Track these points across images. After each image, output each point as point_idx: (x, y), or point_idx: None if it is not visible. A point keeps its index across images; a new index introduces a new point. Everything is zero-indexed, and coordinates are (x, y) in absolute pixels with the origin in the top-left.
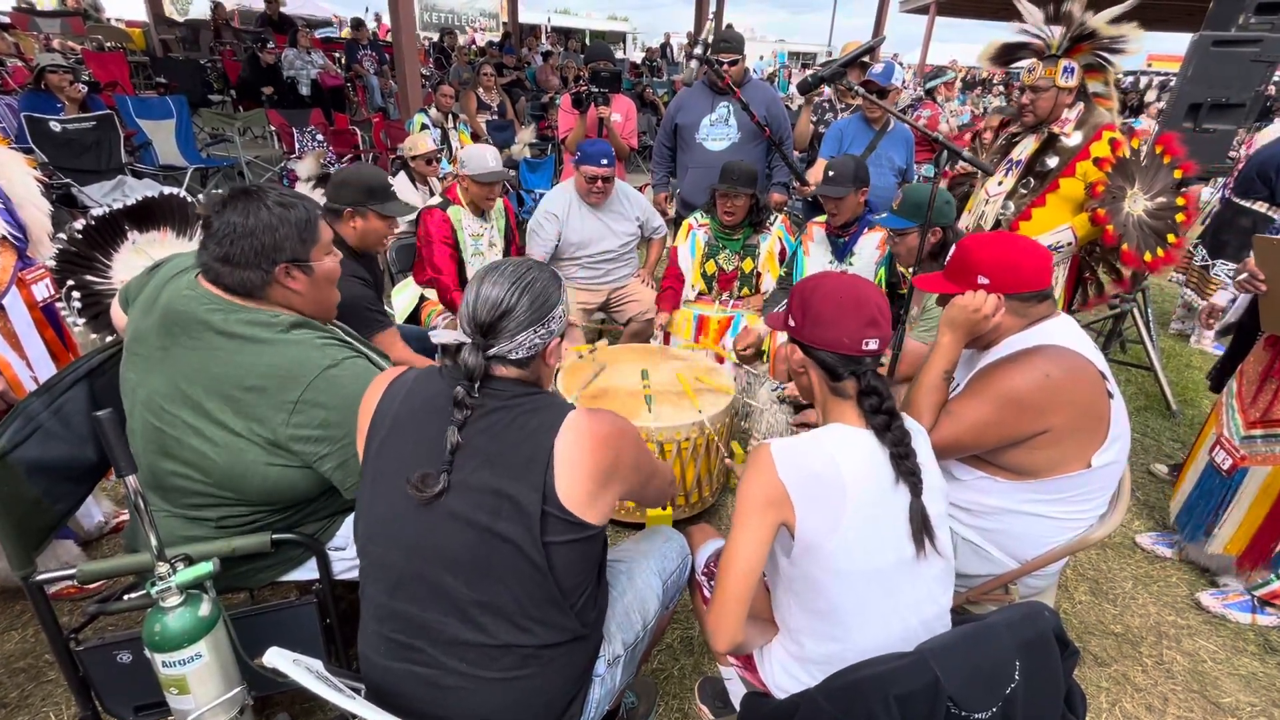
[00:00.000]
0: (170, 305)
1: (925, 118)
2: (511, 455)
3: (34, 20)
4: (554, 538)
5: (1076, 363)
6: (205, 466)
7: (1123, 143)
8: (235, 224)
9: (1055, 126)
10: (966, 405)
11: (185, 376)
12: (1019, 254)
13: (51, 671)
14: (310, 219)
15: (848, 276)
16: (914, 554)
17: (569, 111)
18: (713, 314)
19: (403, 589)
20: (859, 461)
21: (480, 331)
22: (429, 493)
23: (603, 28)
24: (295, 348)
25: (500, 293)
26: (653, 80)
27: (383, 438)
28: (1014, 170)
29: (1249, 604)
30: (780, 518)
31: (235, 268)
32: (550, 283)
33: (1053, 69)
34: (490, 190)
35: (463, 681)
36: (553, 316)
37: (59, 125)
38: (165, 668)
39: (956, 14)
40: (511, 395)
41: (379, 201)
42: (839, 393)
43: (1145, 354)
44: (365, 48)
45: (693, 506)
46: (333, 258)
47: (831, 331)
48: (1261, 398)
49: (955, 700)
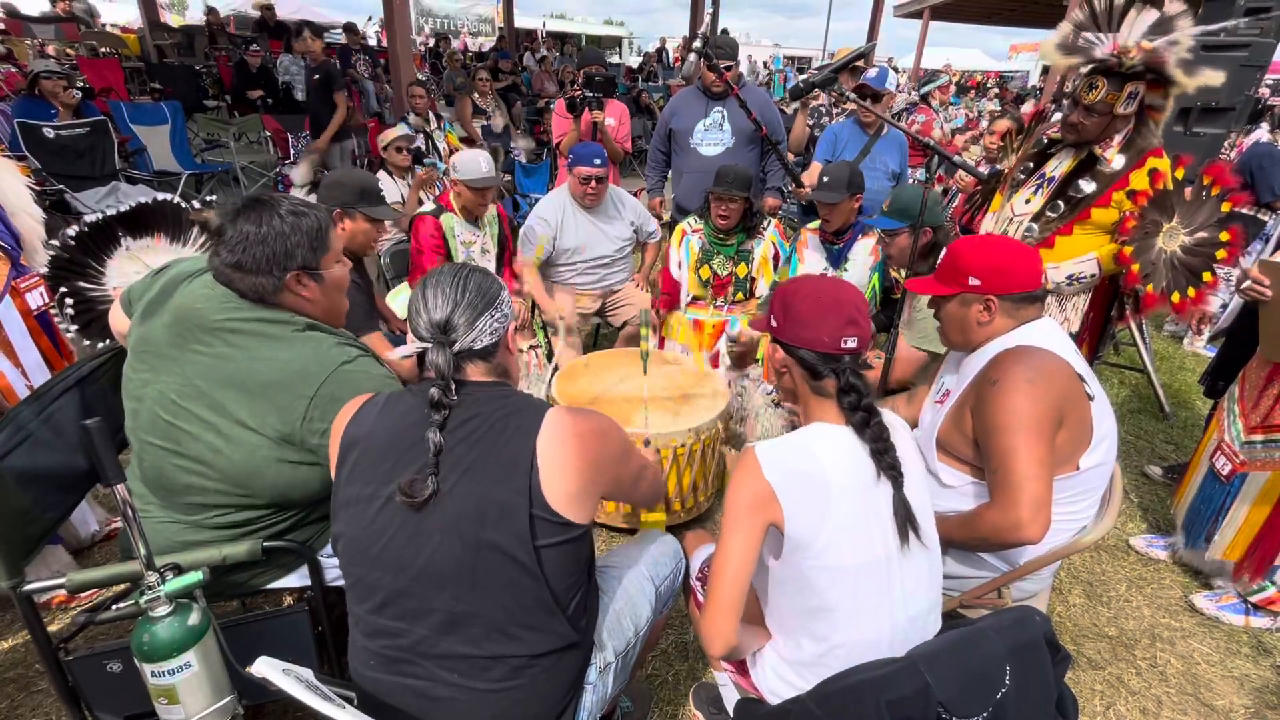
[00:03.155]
0: (185, 306)
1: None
2: (493, 461)
3: (28, 26)
4: (544, 540)
5: (1052, 364)
6: (217, 463)
7: (1165, 175)
8: (248, 232)
9: (1098, 148)
10: (1017, 459)
11: (200, 374)
12: (1010, 257)
13: (41, 681)
14: (322, 228)
15: (828, 279)
16: (900, 546)
17: (563, 116)
18: (708, 318)
19: (389, 606)
20: (841, 458)
21: (440, 329)
22: (420, 497)
23: (598, 32)
24: (310, 345)
25: (444, 290)
26: (648, 85)
27: (354, 461)
28: (1044, 190)
29: (1242, 606)
30: (769, 518)
31: (247, 274)
32: (485, 275)
33: (1116, 95)
34: (483, 196)
35: (454, 693)
36: (501, 300)
37: (52, 131)
38: (154, 677)
39: (950, 18)
40: (486, 400)
41: (368, 204)
42: (820, 391)
43: (1139, 356)
44: (359, 53)
45: (688, 512)
46: (342, 266)
47: (811, 331)
48: (1263, 403)
49: (946, 706)
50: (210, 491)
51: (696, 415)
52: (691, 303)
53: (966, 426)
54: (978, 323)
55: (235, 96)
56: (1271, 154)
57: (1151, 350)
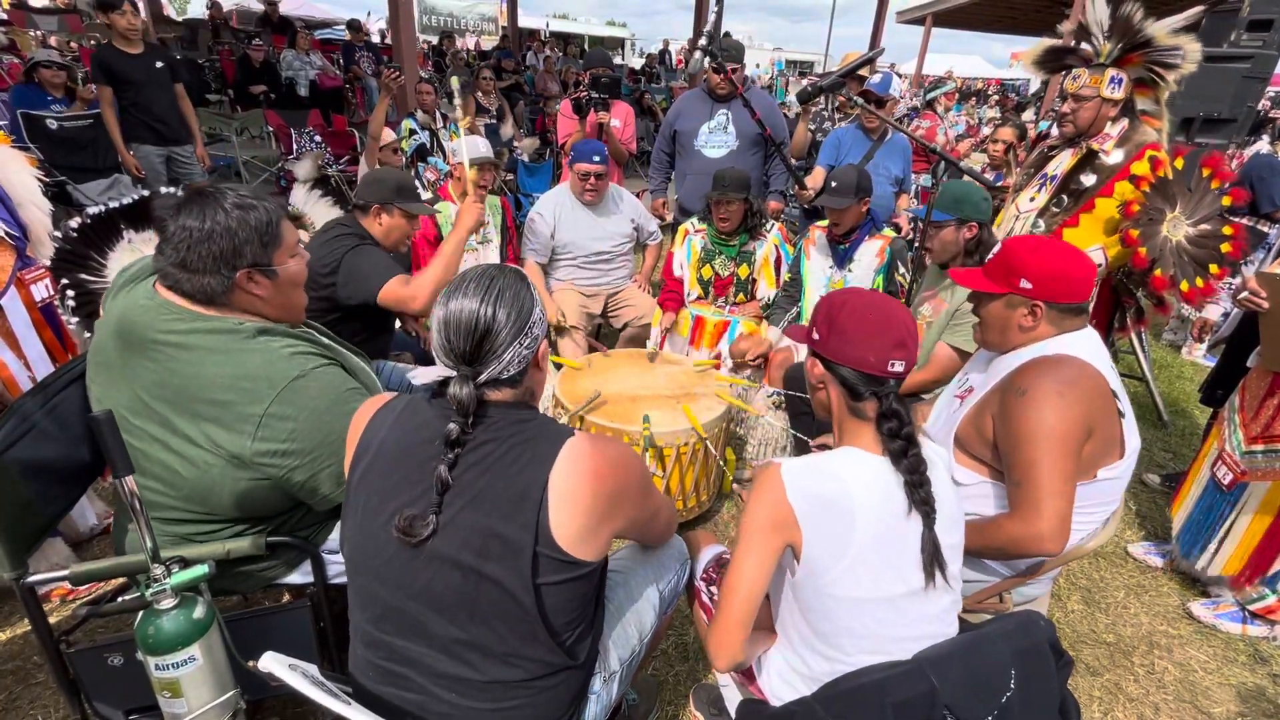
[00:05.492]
0: (125, 316)
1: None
2: (502, 492)
3: (31, 17)
4: (546, 579)
5: (1084, 376)
6: (173, 481)
7: (1165, 162)
8: (191, 228)
9: (1095, 142)
10: (1042, 473)
11: (146, 389)
12: (1068, 263)
13: (40, 674)
14: (271, 221)
15: (878, 295)
16: (923, 585)
17: (569, 117)
18: (710, 315)
19: (388, 620)
20: (871, 488)
21: (464, 360)
22: (418, 538)
23: (601, 33)
24: (261, 357)
25: (471, 311)
26: (651, 87)
27: (365, 466)
28: (1048, 186)
29: (1239, 614)
30: (787, 540)
31: (194, 274)
32: (519, 285)
33: (1098, 78)
34: (483, 176)
35: (451, 710)
36: (533, 322)
37: (55, 122)
38: (158, 670)
39: (952, 25)
40: (504, 424)
41: (405, 200)
42: (857, 413)
43: (1138, 364)
44: (362, 49)
45: (689, 511)
46: (298, 260)
47: (857, 350)
48: (1263, 413)
49: (951, 708)
50: (170, 508)
51: (699, 414)
52: (695, 300)
53: (986, 429)
54: (1020, 327)
55: (238, 91)
56: (1271, 165)
57: (1150, 359)
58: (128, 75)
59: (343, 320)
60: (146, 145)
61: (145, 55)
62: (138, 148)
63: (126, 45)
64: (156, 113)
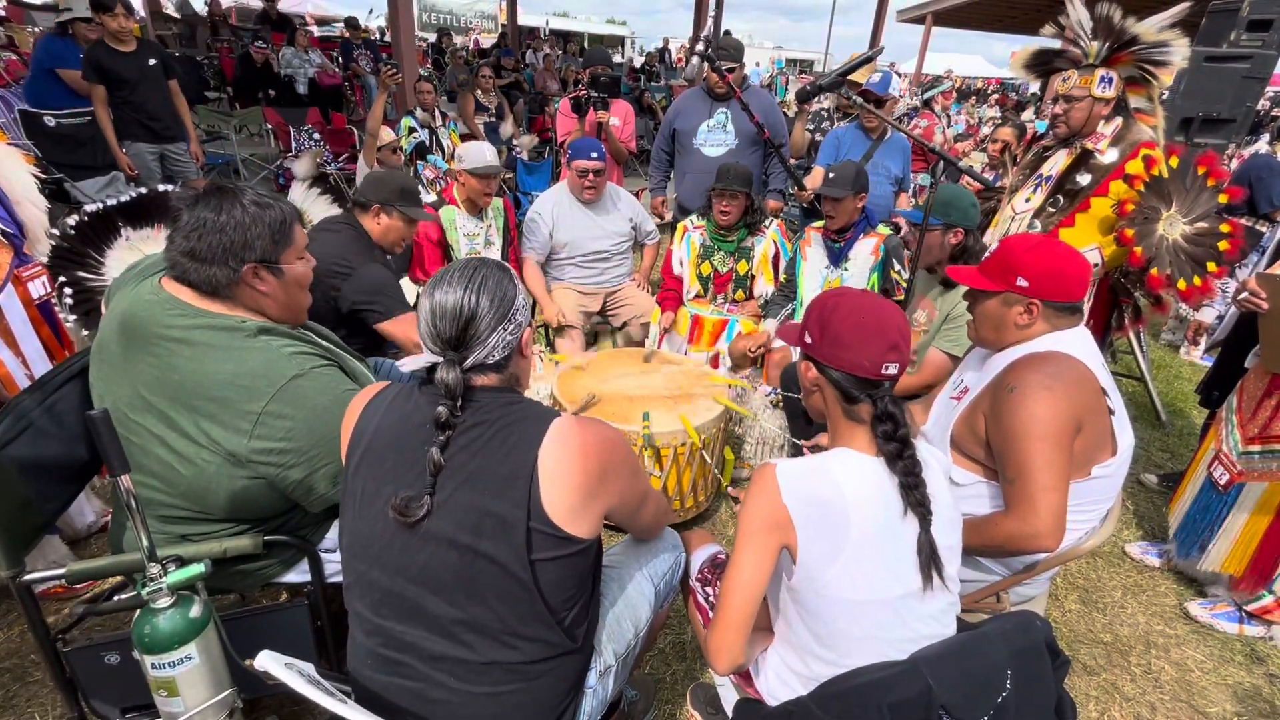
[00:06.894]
0: (130, 311)
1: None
2: (494, 471)
3: (29, 14)
4: (541, 554)
5: (1073, 370)
6: (171, 478)
7: (1159, 161)
8: (206, 219)
9: (1089, 142)
10: (1035, 469)
11: (147, 385)
12: (1064, 262)
13: (37, 672)
14: (286, 220)
15: (870, 296)
16: (920, 587)
17: (568, 115)
18: (708, 315)
19: (386, 606)
20: (866, 490)
21: (450, 345)
22: (413, 517)
23: (601, 31)
24: (261, 355)
25: (456, 299)
26: (650, 85)
27: (360, 456)
28: (1043, 187)
29: (1235, 614)
30: (783, 541)
31: (202, 264)
32: (501, 275)
33: (1088, 78)
34: (487, 185)
35: (450, 695)
36: (516, 309)
37: (53, 120)
38: (155, 669)
39: (952, 24)
40: (492, 407)
41: (406, 204)
42: (852, 416)
43: (1136, 364)
44: (360, 47)
45: (686, 511)
46: (305, 263)
47: (850, 353)
48: (1261, 414)
49: (948, 708)
50: (167, 505)
51: (696, 415)
52: (693, 298)
53: (979, 428)
54: (1015, 324)
55: (238, 89)
56: (1270, 165)
57: (1149, 359)
58: (120, 73)
59: (339, 322)
60: (140, 143)
61: (138, 52)
62: (131, 145)
63: (118, 43)
64: (150, 110)
